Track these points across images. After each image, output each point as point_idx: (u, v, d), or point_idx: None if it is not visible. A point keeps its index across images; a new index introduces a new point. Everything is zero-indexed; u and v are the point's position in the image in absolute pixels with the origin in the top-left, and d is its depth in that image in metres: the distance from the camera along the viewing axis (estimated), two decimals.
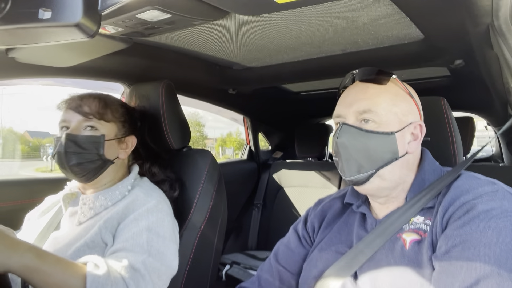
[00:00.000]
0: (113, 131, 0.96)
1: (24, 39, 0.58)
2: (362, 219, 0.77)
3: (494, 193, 0.60)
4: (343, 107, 0.74)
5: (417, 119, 0.74)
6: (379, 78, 0.72)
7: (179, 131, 1.15)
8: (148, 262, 0.80)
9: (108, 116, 0.94)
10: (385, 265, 0.65)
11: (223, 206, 1.17)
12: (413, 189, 0.71)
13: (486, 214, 0.57)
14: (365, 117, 0.70)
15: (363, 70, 0.74)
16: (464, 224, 0.58)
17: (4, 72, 1.07)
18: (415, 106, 0.74)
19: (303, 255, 0.84)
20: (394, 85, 0.74)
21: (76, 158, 0.89)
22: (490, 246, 0.54)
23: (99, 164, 0.92)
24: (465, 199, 0.61)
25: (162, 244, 0.86)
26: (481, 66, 1.16)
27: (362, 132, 0.69)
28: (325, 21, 0.95)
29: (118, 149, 0.98)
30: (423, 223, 0.66)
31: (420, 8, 0.80)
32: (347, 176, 0.71)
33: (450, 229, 0.59)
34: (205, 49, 1.20)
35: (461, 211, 0.60)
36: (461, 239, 0.57)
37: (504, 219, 0.56)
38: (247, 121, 2.29)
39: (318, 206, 0.90)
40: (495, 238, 0.54)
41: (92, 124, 0.92)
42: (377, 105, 0.70)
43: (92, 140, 0.91)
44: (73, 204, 0.98)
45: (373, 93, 0.71)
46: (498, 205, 0.58)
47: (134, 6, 0.66)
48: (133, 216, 0.87)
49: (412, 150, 0.71)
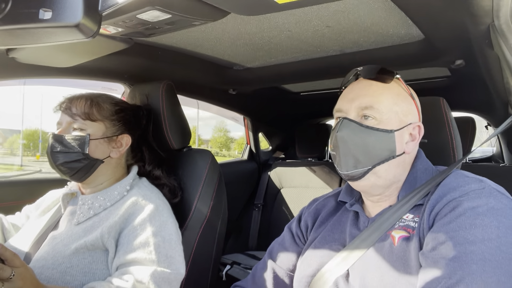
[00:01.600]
0: (101, 130, 0.95)
1: (25, 40, 0.58)
2: (355, 218, 0.78)
3: (481, 190, 0.61)
4: (345, 102, 0.74)
5: (416, 120, 0.75)
6: (383, 77, 0.73)
7: (179, 131, 1.15)
8: (157, 273, 0.81)
9: (94, 115, 0.95)
10: (374, 261, 0.66)
11: (223, 206, 1.17)
12: (405, 188, 0.72)
13: (472, 211, 0.58)
14: (366, 113, 0.70)
15: (368, 67, 0.75)
16: (450, 221, 0.58)
17: (5, 72, 1.07)
18: (415, 107, 0.75)
19: (297, 253, 0.85)
20: (397, 85, 0.75)
21: (62, 158, 0.90)
22: (476, 243, 0.54)
23: (86, 163, 0.92)
24: (451, 196, 0.62)
25: (169, 248, 0.86)
26: (481, 66, 1.16)
27: (362, 128, 0.70)
28: (325, 21, 0.94)
29: (109, 148, 0.97)
30: (412, 220, 0.67)
31: (421, 8, 0.80)
32: (343, 170, 0.72)
33: (437, 226, 0.60)
34: (205, 49, 1.20)
35: (447, 209, 0.60)
36: (447, 236, 0.57)
37: (490, 217, 0.56)
38: (247, 121, 2.29)
39: (312, 205, 0.91)
40: (480, 235, 0.54)
41: (78, 125, 0.93)
42: (379, 103, 0.70)
43: (76, 140, 0.91)
44: (72, 204, 0.99)
45: (376, 91, 0.72)
46: (484, 203, 0.58)
47: (134, 6, 0.66)
48: (136, 223, 0.87)
49: (409, 151, 0.72)
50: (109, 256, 0.85)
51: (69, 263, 0.83)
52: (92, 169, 0.94)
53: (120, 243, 0.85)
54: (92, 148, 0.93)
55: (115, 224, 0.87)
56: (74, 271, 0.82)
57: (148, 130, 1.09)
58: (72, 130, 0.93)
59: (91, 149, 0.92)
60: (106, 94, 1.02)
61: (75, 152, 0.91)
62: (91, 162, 0.93)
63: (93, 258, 0.84)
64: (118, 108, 1.00)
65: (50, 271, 0.82)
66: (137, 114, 1.06)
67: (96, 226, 0.88)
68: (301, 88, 1.86)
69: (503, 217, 0.56)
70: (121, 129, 1.00)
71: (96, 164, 0.94)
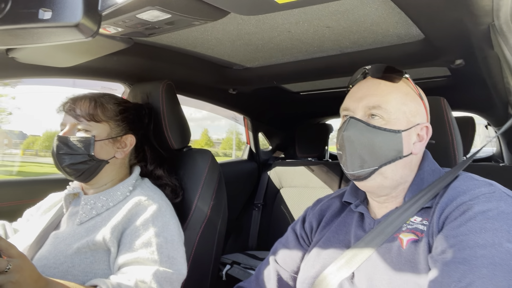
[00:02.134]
0: (105, 131, 0.95)
1: (24, 40, 0.58)
2: (360, 219, 0.77)
3: (491, 194, 0.60)
4: (352, 101, 0.73)
5: (424, 121, 0.74)
6: (391, 76, 0.72)
7: (179, 131, 1.15)
8: (159, 273, 0.81)
9: (99, 116, 0.94)
10: (382, 264, 0.65)
11: (223, 206, 1.17)
12: (412, 189, 0.71)
13: (482, 215, 0.57)
14: (373, 113, 0.70)
15: (376, 66, 0.74)
16: (461, 225, 0.58)
17: (5, 72, 1.07)
18: (424, 108, 0.74)
19: (301, 255, 0.84)
20: (405, 85, 0.74)
21: (68, 159, 0.90)
22: (486, 247, 0.53)
23: (92, 165, 0.92)
24: (461, 200, 0.61)
25: (171, 249, 0.86)
26: (481, 66, 1.16)
27: (369, 127, 0.69)
28: (325, 21, 0.94)
29: (114, 148, 0.97)
30: (421, 223, 0.66)
31: (421, 8, 0.80)
32: (349, 170, 0.71)
33: (447, 230, 0.59)
34: (205, 49, 1.20)
35: (457, 212, 0.60)
36: (457, 240, 0.56)
37: (500, 221, 0.56)
38: (247, 121, 2.29)
39: (317, 206, 0.90)
40: (491, 239, 0.54)
41: (83, 126, 0.93)
42: (387, 102, 0.69)
43: (81, 142, 0.91)
44: (74, 204, 0.99)
45: (384, 90, 0.71)
46: (495, 206, 0.58)
47: (134, 6, 0.66)
48: (139, 223, 0.87)
49: (417, 151, 0.71)
50: (111, 256, 0.85)
51: (70, 262, 0.83)
52: (98, 170, 0.94)
53: (123, 243, 0.85)
54: (98, 149, 0.93)
55: (118, 224, 0.87)
56: (76, 271, 0.82)
57: (150, 129, 1.09)
58: (77, 131, 0.93)
59: (97, 150, 0.92)
60: (109, 94, 1.02)
61: (81, 154, 0.91)
62: (97, 163, 0.93)
63: (95, 258, 0.84)
64: (122, 108, 1.00)
65: (52, 270, 0.82)
66: (139, 113, 1.06)
67: (98, 226, 0.88)
68: (301, 87, 1.86)
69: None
70: (125, 129, 1.00)
71: (101, 165, 0.94)
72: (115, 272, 0.83)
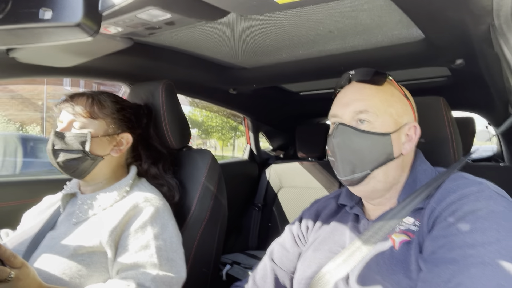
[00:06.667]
0: (102, 128, 0.95)
1: (25, 39, 0.58)
2: (356, 220, 0.78)
3: (480, 193, 0.60)
4: (339, 107, 0.74)
5: (412, 120, 0.74)
6: (375, 79, 0.73)
7: (179, 130, 1.15)
8: (158, 277, 0.80)
9: (96, 113, 0.94)
10: (374, 265, 0.65)
11: (223, 206, 1.17)
12: (405, 190, 0.71)
13: (472, 215, 0.57)
14: (361, 118, 0.70)
15: (360, 70, 0.75)
16: (450, 225, 0.58)
17: (5, 72, 1.07)
18: (410, 107, 0.75)
19: (298, 255, 0.85)
20: (390, 86, 0.74)
21: (63, 155, 0.90)
22: (476, 247, 0.53)
23: (87, 161, 0.92)
24: (451, 199, 0.61)
25: (170, 251, 0.86)
26: (481, 66, 1.16)
27: (358, 132, 0.69)
28: (325, 21, 0.94)
29: (110, 146, 0.97)
30: (413, 224, 0.66)
31: (421, 8, 0.80)
32: (342, 176, 0.72)
33: (437, 230, 0.60)
34: (205, 49, 1.20)
35: (447, 212, 0.60)
36: (446, 240, 0.57)
37: (490, 220, 0.56)
38: (247, 121, 2.29)
39: (313, 206, 0.91)
40: (480, 239, 0.54)
41: (79, 123, 0.93)
42: (373, 106, 0.70)
43: (77, 138, 0.91)
44: (71, 204, 0.98)
45: (369, 94, 0.72)
46: (484, 206, 0.58)
47: (134, 6, 0.66)
48: (137, 225, 0.86)
49: (407, 152, 0.72)
50: (109, 259, 0.84)
51: (67, 264, 0.82)
52: (92, 166, 0.94)
53: (121, 245, 0.85)
54: (93, 146, 0.93)
55: (116, 226, 0.86)
56: (72, 273, 0.81)
57: (149, 129, 1.09)
58: (74, 127, 0.93)
59: (92, 147, 0.92)
60: (107, 92, 1.02)
61: (76, 150, 0.91)
62: (92, 159, 0.93)
63: (92, 260, 0.84)
64: (120, 106, 1.00)
65: (48, 272, 0.81)
66: (137, 113, 1.06)
67: (95, 227, 0.87)
68: (302, 87, 1.86)
69: (503, 220, 0.55)
70: (122, 127, 1.00)
71: (96, 161, 0.94)
72: (113, 276, 0.83)
